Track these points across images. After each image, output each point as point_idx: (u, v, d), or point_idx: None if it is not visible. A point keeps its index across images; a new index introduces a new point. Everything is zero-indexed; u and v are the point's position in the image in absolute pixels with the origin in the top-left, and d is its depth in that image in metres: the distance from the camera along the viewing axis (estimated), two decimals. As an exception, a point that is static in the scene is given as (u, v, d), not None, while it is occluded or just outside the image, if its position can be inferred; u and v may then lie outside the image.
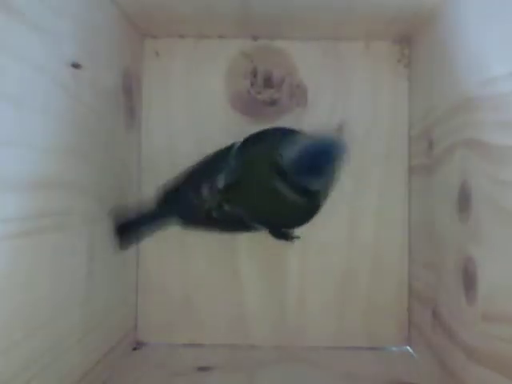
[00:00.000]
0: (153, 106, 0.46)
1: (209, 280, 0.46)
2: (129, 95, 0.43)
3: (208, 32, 0.45)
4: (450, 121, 0.36)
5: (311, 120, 0.45)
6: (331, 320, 0.46)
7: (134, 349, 0.45)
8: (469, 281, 0.32)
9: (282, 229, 0.43)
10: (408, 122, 0.46)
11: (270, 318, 0.46)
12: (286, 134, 0.37)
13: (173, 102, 0.46)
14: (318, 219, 0.45)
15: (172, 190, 0.40)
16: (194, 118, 0.46)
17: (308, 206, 0.37)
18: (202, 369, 0.40)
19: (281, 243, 0.46)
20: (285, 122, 0.45)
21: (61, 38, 0.30)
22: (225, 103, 0.46)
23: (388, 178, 0.46)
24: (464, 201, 0.33)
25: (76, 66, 0.31)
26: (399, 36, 0.46)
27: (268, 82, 0.46)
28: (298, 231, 0.46)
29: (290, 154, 0.34)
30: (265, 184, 0.36)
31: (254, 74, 0.46)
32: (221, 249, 0.46)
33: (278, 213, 0.38)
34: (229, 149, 0.39)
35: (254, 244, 0.46)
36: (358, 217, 0.46)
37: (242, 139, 0.39)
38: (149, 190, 0.46)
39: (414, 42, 0.45)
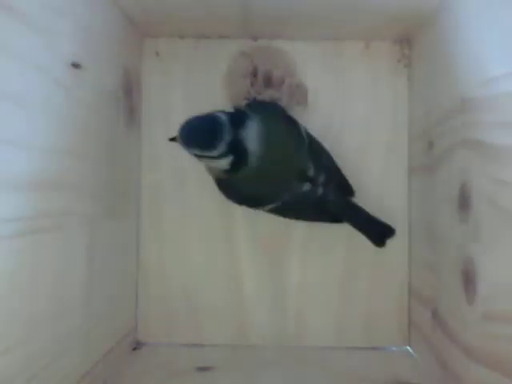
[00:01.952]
0: (153, 106, 0.46)
1: (209, 280, 0.46)
2: (129, 95, 0.43)
3: (208, 32, 0.45)
4: (450, 121, 0.36)
5: (311, 120, 0.45)
6: (331, 320, 0.46)
7: (134, 349, 0.45)
8: (469, 281, 0.32)
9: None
10: (408, 122, 0.46)
11: (270, 318, 0.46)
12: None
13: (173, 102, 0.46)
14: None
15: None
16: (194, 118, 0.46)
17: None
18: (202, 369, 0.40)
19: (281, 242, 0.46)
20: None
21: (61, 38, 0.30)
22: (225, 103, 0.46)
23: (388, 178, 0.46)
24: (464, 201, 0.33)
25: (76, 65, 0.31)
26: (399, 36, 0.46)
27: (268, 82, 0.46)
28: (297, 231, 0.46)
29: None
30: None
31: (254, 74, 0.46)
32: (221, 249, 0.46)
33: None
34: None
35: (255, 244, 0.46)
36: (358, 217, 0.46)
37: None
38: (149, 190, 0.46)
39: (414, 42, 0.45)
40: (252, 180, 0.39)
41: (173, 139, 0.37)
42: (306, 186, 0.40)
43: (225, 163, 0.37)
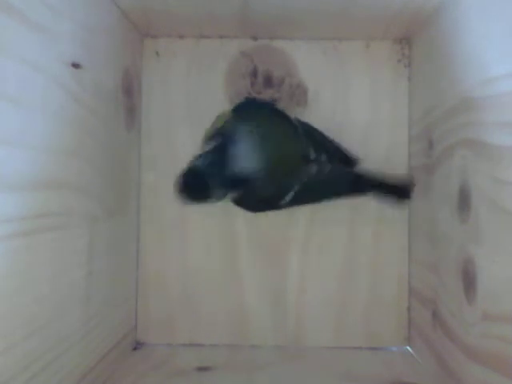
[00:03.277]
0: (153, 106, 0.46)
1: (209, 280, 0.46)
2: (129, 95, 0.43)
3: (208, 32, 0.45)
4: (450, 121, 0.36)
5: (311, 120, 0.45)
6: (331, 320, 0.46)
7: (134, 349, 0.45)
8: (469, 281, 0.32)
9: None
10: (408, 122, 0.46)
11: (270, 318, 0.46)
12: None
13: (173, 102, 0.46)
14: (317, 219, 0.46)
15: None
16: (193, 117, 0.46)
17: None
18: (202, 369, 0.40)
19: (280, 242, 0.46)
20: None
21: (61, 38, 0.30)
22: (225, 103, 0.46)
23: (388, 178, 0.46)
24: (464, 201, 0.33)
25: (76, 65, 0.31)
26: (399, 36, 0.46)
27: (268, 82, 0.46)
28: (297, 231, 0.46)
29: None
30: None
31: (254, 73, 0.46)
32: (221, 249, 0.46)
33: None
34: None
35: (255, 244, 0.46)
36: (357, 217, 0.46)
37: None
38: (149, 190, 0.46)
39: (414, 42, 0.45)
40: (264, 186, 0.39)
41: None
42: (313, 169, 0.41)
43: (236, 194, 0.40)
